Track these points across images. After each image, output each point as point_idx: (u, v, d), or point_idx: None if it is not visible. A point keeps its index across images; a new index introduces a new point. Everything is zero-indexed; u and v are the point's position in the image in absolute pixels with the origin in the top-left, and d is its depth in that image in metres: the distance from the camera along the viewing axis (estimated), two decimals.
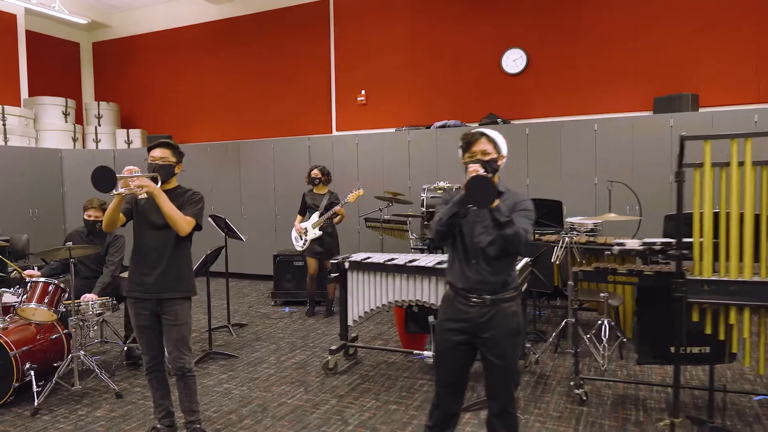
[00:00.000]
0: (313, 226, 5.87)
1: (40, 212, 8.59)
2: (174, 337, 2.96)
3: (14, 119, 8.50)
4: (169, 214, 2.84)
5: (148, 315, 2.97)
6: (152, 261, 2.93)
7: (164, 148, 3.00)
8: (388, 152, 7.31)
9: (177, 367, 2.98)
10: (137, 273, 2.96)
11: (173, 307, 2.95)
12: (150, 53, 10.14)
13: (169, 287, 2.95)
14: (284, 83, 8.86)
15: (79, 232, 4.63)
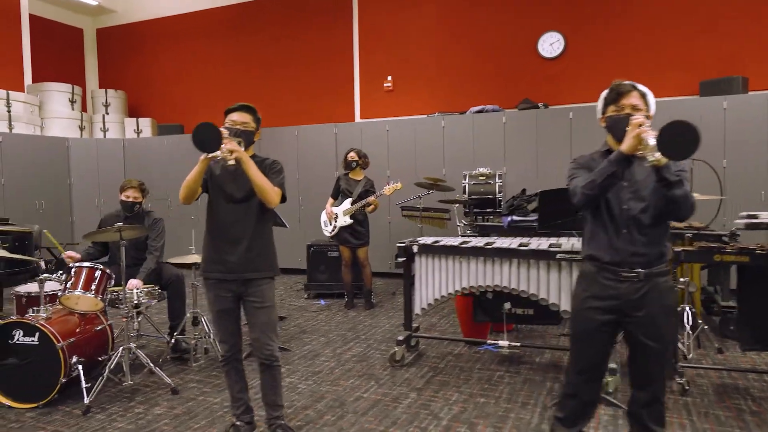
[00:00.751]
0: (344, 213, 5.56)
1: (46, 204, 8.16)
2: (261, 321, 2.64)
3: (19, 105, 8.05)
4: (259, 184, 2.52)
5: (230, 298, 2.64)
6: (233, 238, 2.61)
7: (245, 112, 2.67)
8: (420, 139, 7.01)
9: (265, 355, 2.66)
10: (216, 251, 2.63)
11: (259, 287, 2.64)
12: (158, 40, 9.73)
13: (255, 266, 2.63)
14: (303, 70, 8.53)
15: (115, 216, 4.28)
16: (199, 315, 4.00)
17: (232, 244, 2.60)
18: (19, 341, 3.21)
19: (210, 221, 2.67)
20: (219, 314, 2.67)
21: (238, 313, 2.70)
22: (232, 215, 2.62)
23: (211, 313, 2.71)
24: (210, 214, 2.67)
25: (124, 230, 3.35)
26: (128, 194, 4.15)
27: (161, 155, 8.65)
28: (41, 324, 3.20)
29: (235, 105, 2.68)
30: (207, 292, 2.68)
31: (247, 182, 2.59)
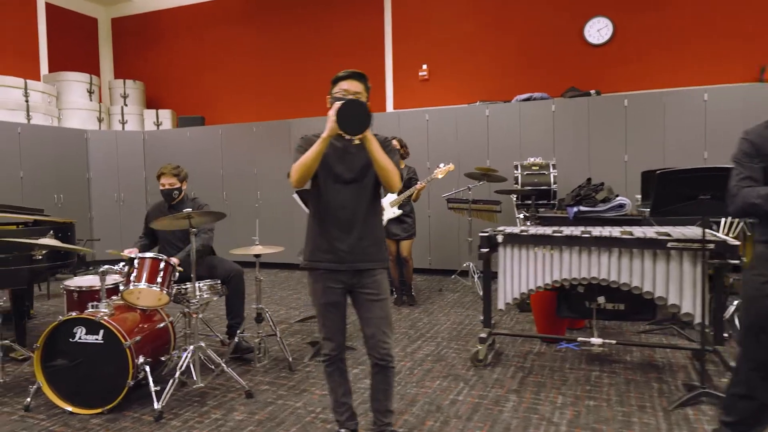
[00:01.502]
0: (391, 205, 5.25)
1: (65, 199, 7.81)
2: (378, 316, 2.34)
3: (37, 95, 7.69)
4: (383, 164, 2.21)
5: (340, 290, 2.34)
6: (345, 224, 2.30)
7: (357, 81, 2.35)
8: (462, 129, 6.72)
9: (381, 354, 2.36)
10: (325, 239, 2.32)
11: (374, 278, 2.34)
12: (176, 29, 9.39)
13: (369, 255, 2.33)
14: (330, 59, 8.21)
15: (159, 206, 3.96)
16: (263, 311, 3.68)
17: (344, 230, 2.30)
18: (81, 339, 2.90)
19: (317, 206, 2.36)
20: (327, 308, 2.36)
21: (345, 307, 2.40)
22: (344, 198, 2.31)
23: (317, 307, 2.40)
24: (317, 198, 2.35)
25: (193, 216, 3.04)
26: (163, 182, 3.84)
27: (183, 148, 8.31)
28: (106, 320, 2.88)
29: (345, 72, 2.35)
30: (313, 283, 2.37)
31: (358, 161, 2.30)
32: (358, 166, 2.30)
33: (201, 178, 8.12)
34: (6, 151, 7.06)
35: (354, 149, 2.30)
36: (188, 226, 3.06)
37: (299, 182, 2.22)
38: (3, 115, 7.26)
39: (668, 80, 6.30)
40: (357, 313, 2.39)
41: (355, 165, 2.31)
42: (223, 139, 8.07)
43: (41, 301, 5.87)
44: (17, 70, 7.92)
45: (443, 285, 6.21)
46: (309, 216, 2.40)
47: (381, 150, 2.20)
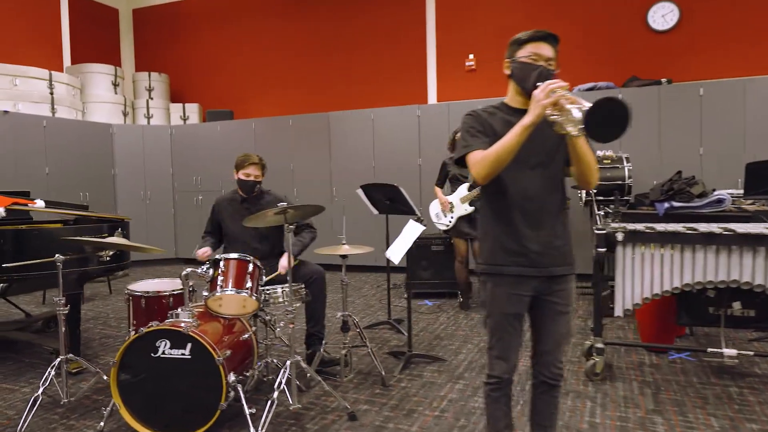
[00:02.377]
0: (462, 201, 4.85)
1: (91, 196, 7.39)
2: (561, 331, 1.94)
3: (62, 87, 7.28)
4: (588, 158, 1.79)
5: (526, 299, 1.92)
6: (533, 218, 1.87)
7: (550, 45, 1.92)
8: None
9: (553, 373, 1.97)
10: (512, 238, 1.88)
11: (566, 285, 1.93)
12: (201, 20, 8.98)
13: (564, 257, 1.92)
14: (367, 50, 7.81)
15: (230, 200, 3.56)
16: (349, 318, 3.27)
17: (533, 227, 1.87)
18: (165, 354, 2.49)
19: (497, 196, 1.91)
20: (508, 320, 1.92)
21: (523, 322, 1.97)
22: (528, 187, 1.87)
23: (493, 317, 1.95)
24: (496, 187, 1.89)
25: (289, 211, 2.63)
26: (249, 172, 3.43)
27: (213, 143, 7.90)
28: (195, 332, 2.47)
29: (534, 32, 1.93)
30: (494, 288, 1.92)
31: (543, 141, 1.84)
32: (545, 147, 1.86)
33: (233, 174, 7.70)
34: (32, 145, 6.65)
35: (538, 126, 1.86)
36: (283, 222, 2.65)
37: (488, 177, 1.79)
38: (28, 108, 6.85)
39: (748, 67, 5.90)
40: (534, 324, 1.98)
41: (542, 146, 1.85)
42: (256, 134, 7.66)
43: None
44: (40, 61, 7.51)
45: None
46: (484, 210, 1.98)
47: (585, 142, 1.78)
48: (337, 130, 7.19)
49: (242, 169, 3.45)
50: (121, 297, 5.91)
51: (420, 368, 3.45)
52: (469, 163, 1.84)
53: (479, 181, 1.82)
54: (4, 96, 6.72)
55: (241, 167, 3.45)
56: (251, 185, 3.44)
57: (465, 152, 1.86)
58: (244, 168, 3.43)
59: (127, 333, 4.38)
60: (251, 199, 3.51)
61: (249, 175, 3.43)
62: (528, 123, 1.69)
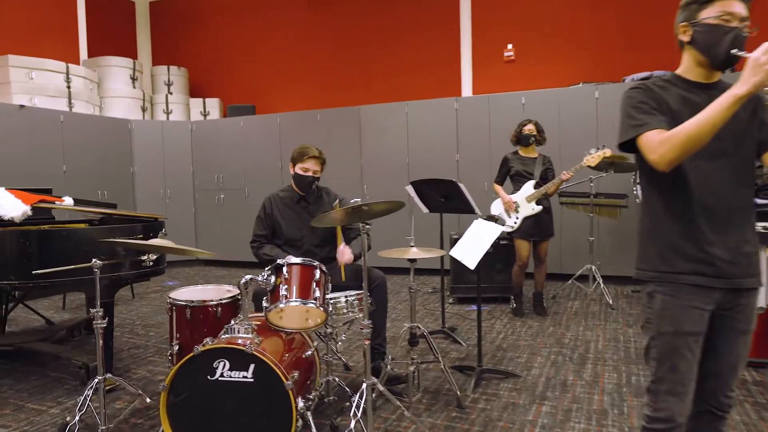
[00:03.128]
0: (528, 200, 4.46)
1: (109, 195, 7.04)
2: (740, 354, 1.55)
3: (79, 81, 6.94)
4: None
5: (707, 315, 1.52)
6: (719, 218, 1.49)
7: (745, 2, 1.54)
8: (566, 113, 5.91)
9: (722, 403, 1.59)
10: (690, 240, 1.50)
11: (750, 300, 1.54)
12: (221, 12, 8.63)
13: (753, 267, 1.53)
14: (397, 41, 7.43)
15: (284, 198, 3.18)
16: (417, 330, 2.89)
17: (718, 230, 1.49)
18: (224, 377, 2.11)
19: (671, 190, 1.53)
20: (684, 341, 1.51)
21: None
22: (711, 179, 1.49)
23: (664, 339, 1.54)
24: (674, 181, 1.51)
25: (374, 206, 2.25)
26: (307, 166, 3.06)
27: (235, 139, 7.55)
28: (259, 351, 2.10)
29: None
30: (667, 300, 1.53)
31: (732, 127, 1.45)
32: (733, 131, 1.48)
33: (256, 172, 7.37)
34: (49, 142, 6.31)
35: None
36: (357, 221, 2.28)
37: (675, 162, 1.41)
38: (44, 102, 6.51)
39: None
40: (706, 343, 1.58)
41: (729, 130, 1.45)
42: (281, 129, 7.30)
43: None
44: (57, 53, 7.17)
45: (556, 291, 5.41)
46: (652, 207, 1.59)
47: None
48: (368, 124, 6.82)
49: (300, 162, 3.08)
50: (145, 302, 5.56)
51: (493, 386, 3.07)
52: (645, 145, 1.46)
53: (662, 167, 1.43)
54: (19, 89, 6.39)
55: (299, 161, 3.08)
56: (309, 181, 3.08)
57: (638, 133, 1.48)
58: (302, 161, 3.06)
59: (157, 343, 4.06)
60: (309, 198, 3.14)
61: (307, 170, 3.07)
62: (743, 93, 1.30)
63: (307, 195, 3.13)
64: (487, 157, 6.20)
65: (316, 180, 3.09)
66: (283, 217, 3.09)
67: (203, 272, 7.23)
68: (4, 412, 2.82)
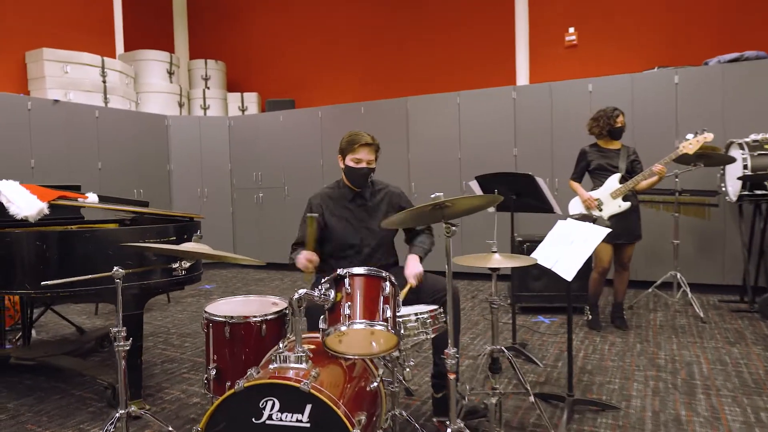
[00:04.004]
0: (613, 196, 3.88)
1: (146, 194, 6.76)
2: None
3: (114, 75, 6.68)
4: None
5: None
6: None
7: None
8: (640, 101, 5.28)
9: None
10: None
11: None
12: (260, 4, 8.30)
13: None
14: (448, 25, 6.92)
15: (333, 196, 2.71)
16: (500, 355, 2.39)
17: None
18: (273, 420, 1.66)
19: None
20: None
21: None
22: None
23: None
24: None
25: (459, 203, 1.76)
26: (360, 156, 2.57)
27: (274, 134, 7.17)
28: (318, 389, 1.63)
29: None
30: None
31: None
32: None
33: (297, 169, 6.97)
34: (83, 138, 6.05)
35: None
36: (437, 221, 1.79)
37: None
38: (79, 97, 6.26)
39: None
40: None
41: None
42: (323, 123, 6.88)
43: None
44: (92, 46, 6.93)
45: (633, 301, 4.80)
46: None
47: None
48: (416, 117, 6.32)
49: (350, 153, 2.59)
50: (180, 307, 5.21)
51: (589, 421, 2.54)
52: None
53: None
54: (54, 84, 6.15)
55: (349, 151, 2.59)
56: (364, 174, 2.59)
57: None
58: (353, 152, 2.57)
59: (193, 356, 3.67)
60: (366, 193, 2.67)
61: (360, 160, 2.57)
62: None
63: (364, 190, 2.65)
64: (549, 151, 5.63)
65: (372, 171, 2.61)
66: (335, 217, 2.62)
67: (241, 275, 6.87)
68: None
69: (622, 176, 3.90)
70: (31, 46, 6.33)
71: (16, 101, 5.49)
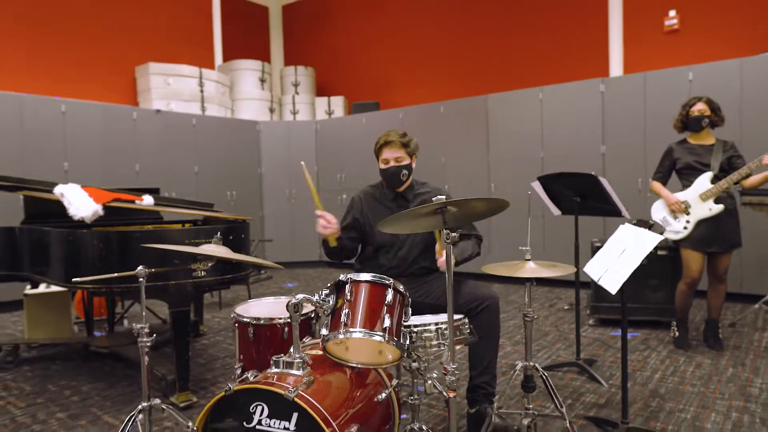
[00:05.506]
0: (703, 198, 3.42)
1: (238, 195, 7.19)
2: None
3: (211, 85, 7.17)
4: None
5: None
6: None
7: None
8: (750, 90, 4.63)
9: None
10: None
11: None
12: (347, 11, 8.46)
13: None
14: (535, 18, 6.56)
15: (375, 194, 2.67)
16: (535, 372, 2.19)
17: None
18: (262, 426, 1.65)
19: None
20: None
21: None
22: None
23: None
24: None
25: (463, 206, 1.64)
26: (386, 156, 2.52)
27: (358, 137, 7.26)
28: (303, 398, 1.59)
29: None
30: None
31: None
32: None
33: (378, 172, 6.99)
34: (182, 144, 6.57)
35: None
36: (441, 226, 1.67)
37: None
38: (179, 107, 6.80)
39: None
40: None
41: None
42: (404, 124, 6.84)
43: (212, 311, 5.07)
44: (192, 59, 7.50)
45: (736, 318, 4.22)
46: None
47: None
48: (496, 114, 6.08)
49: (379, 155, 2.56)
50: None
51: None
52: None
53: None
54: (157, 95, 6.74)
55: (378, 153, 2.56)
56: (392, 172, 2.52)
57: None
58: (380, 152, 2.54)
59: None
60: (409, 194, 2.59)
61: (387, 161, 2.52)
62: None
63: (407, 192, 2.58)
64: (641, 149, 5.13)
65: (403, 170, 2.52)
66: (376, 217, 2.55)
67: (325, 274, 7.05)
68: (80, 422, 2.68)
69: (715, 175, 3.42)
70: (139, 61, 6.99)
71: (124, 112, 6.09)
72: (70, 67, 6.51)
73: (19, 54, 6.11)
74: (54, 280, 2.82)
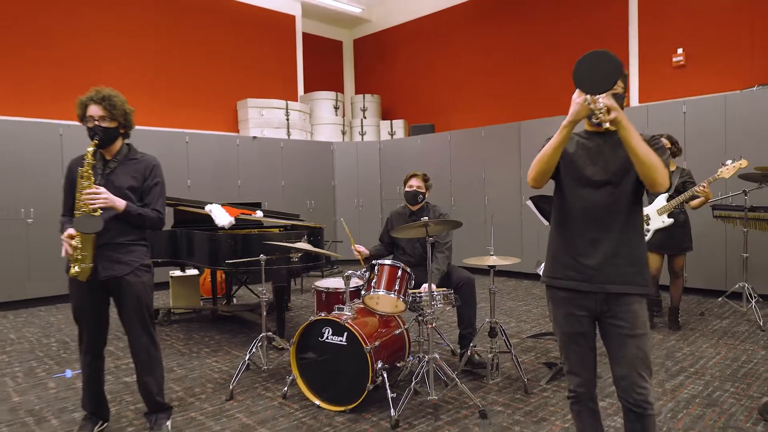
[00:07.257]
0: (659, 212, 4.51)
1: (315, 204, 8.77)
2: (632, 355, 1.94)
3: (295, 114, 8.82)
4: (644, 158, 1.81)
5: (585, 318, 2.00)
6: (593, 235, 1.96)
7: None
8: (733, 121, 5.55)
9: (635, 399, 1.94)
10: (567, 253, 2.01)
11: (629, 307, 1.94)
12: (407, 43, 9.87)
13: (623, 276, 1.94)
14: (564, 52, 7.64)
15: (401, 212, 4.06)
16: (496, 326, 3.49)
17: (591, 244, 1.96)
18: (329, 340, 3.08)
19: (560, 212, 2.07)
20: (568, 338, 2.05)
21: (594, 337, 2.04)
22: (591, 204, 1.97)
23: (557, 336, 2.11)
24: (560, 204, 2.06)
25: (431, 225, 3.00)
26: (411, 183, 3.92)
27: (413, 155, 8.64)
28: (350, 324, 3.01)
29: None
30: (553, 307, 2.08)
31: (614, 162, 1.95)
32: (615, 167, 1.96)
33: None
34: (272, 163, 8.24)
35: (608, 148, 1.97)
36: (425, 235, 3.03)
37: (535, 180, 1.98)
38: (270, 133, 8.50)
39: None
40: (605, 347, 2.01)
41: (611, 166, 1.96)
42: (451, 146, 8.15)
43: (296, 294, 6.64)
44: (280, 93, 9.21)
45: (705, 308, 5.20)
46: (551, 225, 2.11)
47: (640, 140, 1.82)
48: (527, 139, 7.25)
49: (407, 182, 3.94)
50: None
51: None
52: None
53: (530, 183, 2.03)
54: (254, 125, 8.47)
55: (407, 180, 3.95)
56: (412, 194, 3.90)
57: None
58: (408, 181, 3.93)
59: None
60: (418, 212, 3.96)
61: (411, 186, 3.91)
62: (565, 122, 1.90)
63: (419, 212, 3.94)
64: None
65: (420, 194, 3.88)
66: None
67: None
68: (219, 354, 4.25)
69: (670, 195, 4.50)
70: (239, 96, 8.76)
71: (229, 139, 7.85)
72: (188, 106, 8.37)
73: (145, 96, 8.01)
74: (201, 264, 4.43)
